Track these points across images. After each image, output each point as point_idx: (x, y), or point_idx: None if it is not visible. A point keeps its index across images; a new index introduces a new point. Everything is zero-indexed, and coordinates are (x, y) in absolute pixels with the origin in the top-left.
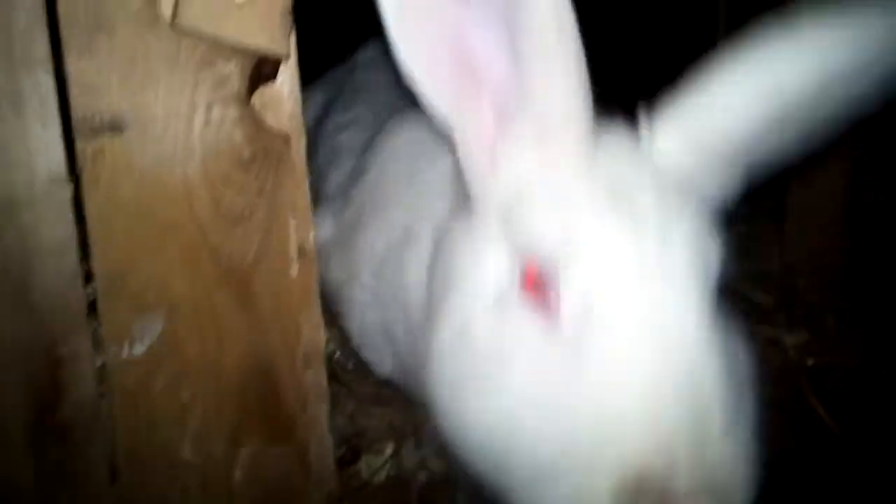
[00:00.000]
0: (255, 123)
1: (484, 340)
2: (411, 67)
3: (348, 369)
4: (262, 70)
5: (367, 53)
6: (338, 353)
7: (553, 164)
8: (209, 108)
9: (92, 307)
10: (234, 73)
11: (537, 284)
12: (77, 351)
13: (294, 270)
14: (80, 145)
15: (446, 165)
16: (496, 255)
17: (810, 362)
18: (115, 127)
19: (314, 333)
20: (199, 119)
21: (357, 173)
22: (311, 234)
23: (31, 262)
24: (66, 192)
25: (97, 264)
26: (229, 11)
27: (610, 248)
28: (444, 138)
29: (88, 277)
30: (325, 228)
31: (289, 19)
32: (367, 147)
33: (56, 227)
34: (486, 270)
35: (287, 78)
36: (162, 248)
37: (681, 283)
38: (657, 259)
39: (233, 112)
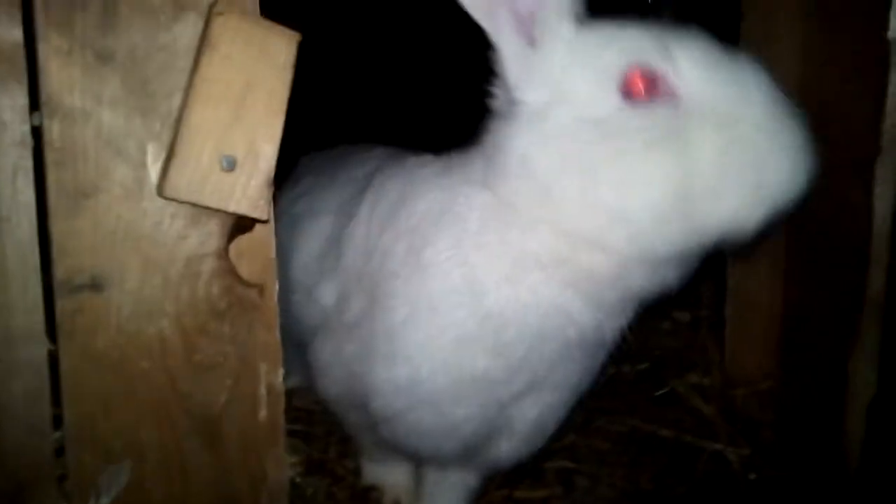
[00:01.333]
0: (231, 275)
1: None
2: None
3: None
4: (241, 223)
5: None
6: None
7: None
8: (188, 263)
9: (59, 454)
10: (215, 232)
11: (647, 84)
12: (43, 503)
13: (262, 412)
14: (59, 304)
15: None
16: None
17: (752, 476)
18: (95, 286)
19: (278, 471)
20: (177, 274)
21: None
22: (280, 373)
23: (3, 411)
24: (43, 345)
25: (67, 413)
26: (213, 180)
27: (698, 48)
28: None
29: (58, 423)
30: (328, 293)
31: (270, 188)
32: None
33: (29, 379)
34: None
35: (264, 229)
36: (132, 397)
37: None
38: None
39: (211, 266)
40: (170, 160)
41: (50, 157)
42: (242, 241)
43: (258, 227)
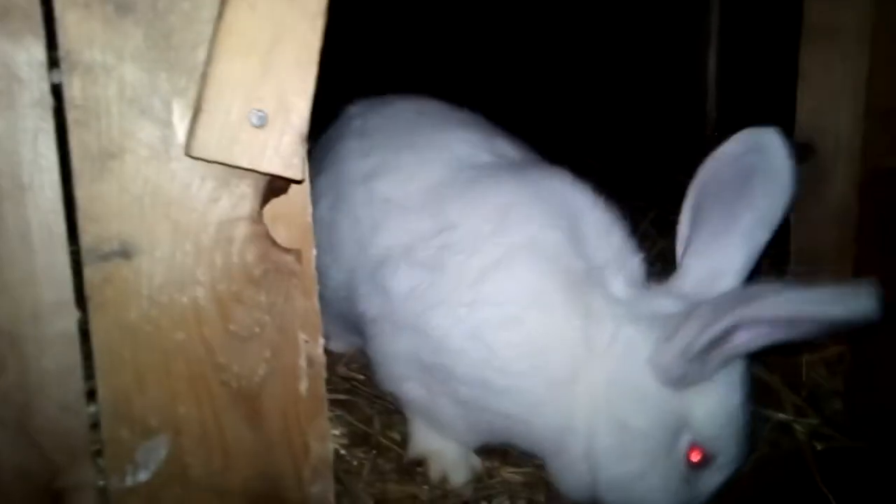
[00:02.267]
0: (266, 240)
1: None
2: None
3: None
4: (275, 185)
5: (358, 107)
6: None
7: None
8: (220, 228)
9: (95, 431)
10: (247, 194)
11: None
12: (79, 480)
13: (303, 384)
14: (87, 272)
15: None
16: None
17: (819, 447)
18: (124, 254)
19: (321, 445)
20: (210, 240)
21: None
22: (321, 343)
23: (34, 388)
24: (73, 318)
25: (101, 388)
26: (244, 138)
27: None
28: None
29: (92, 398)
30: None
31: (304, 145)
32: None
33: (61, 354)
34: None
35: (299, 191)
36: (168, 370)
37: None
38: None
39: (244, 231)
40: (196, 117)
41: (71, 115)
42: (277, 204)
43: (294, 188)
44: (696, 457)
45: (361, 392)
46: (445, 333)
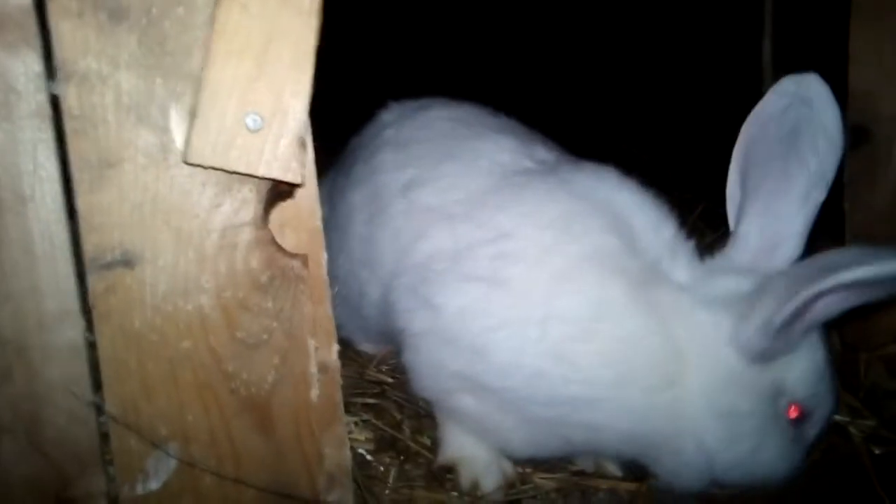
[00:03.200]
0: (271, 246)
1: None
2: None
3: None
4: (280, 189)
5: (391, 114)
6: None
7: None
8: (224, 234)
9: (104, 440)
10: (250, 199)
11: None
12: (90, 489)
13: (314, 391)
14: (91, 281)
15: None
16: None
17: (878, 451)
18: (126, 262)
19: (338, 452)
20: (213, 247)
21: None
22: (335, 349)
23: (42, 397)
24: (78, 327)
25: (109, 397)
26: (240, 142)
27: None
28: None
29: (100, 409)
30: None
31: (303, 147)
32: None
33: (67, 363)
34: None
35: (306, 194)
36: (175, 379)
37: None
38: None
39: (248, 237)
40: (192, 122)
41: (69, 125)
42: (285, 208)
43: (301, 192)
44: (795, 413)
45: (391, 395)
46: (516, 356)
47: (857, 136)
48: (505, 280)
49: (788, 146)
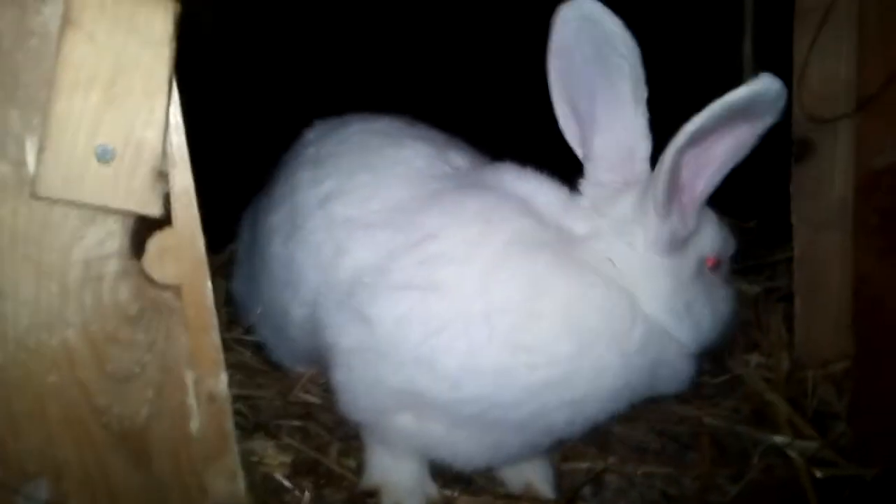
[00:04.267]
0: (140, 277)
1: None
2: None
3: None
4: (152, 219)
5: (312, 132)
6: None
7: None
8: (88, 266)
9: None
10: (115, 230)
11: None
12: None
13: (195, 423)
14: None
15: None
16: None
17: (819, 474)
18: None
19: (229, 483)
20: (76, 280)
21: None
22: (222, 378)
23: None
24: None
25: None
26: (91, 175)
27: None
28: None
29: None
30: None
31: (161, 180)
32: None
33: None
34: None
35: (186, 222)
36: (43, 414)
37: None
38: None
39: (115, 268)
40: (40, 156)
41: None
42: (165, 236)
43: (180, 220)
44: (712, 262)
45: (319, 417)
46: (469, 359)
47: (801, 148)
48: (438, 283)
49: (597, 62)
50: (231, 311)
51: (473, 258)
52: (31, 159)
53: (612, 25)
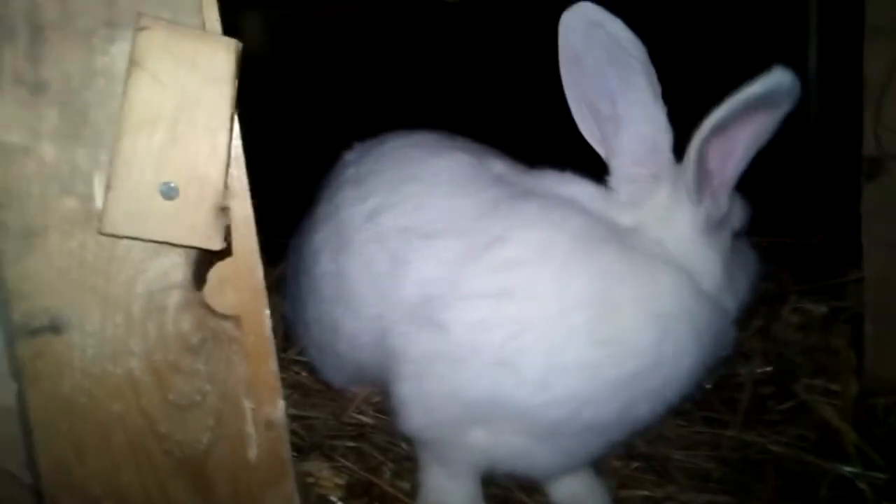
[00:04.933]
0: (202, 308)
1: None
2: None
3: None
4: (213, 252)
5: (352, 154)
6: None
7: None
8: (151, 298)
9: (39, 501)
10: (178, 263)
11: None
12: None
13: (253, 451)
14: (19, 347)
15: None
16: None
17: None
18: (53, 329)
19: None
20: (140, 311)
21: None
22: (280, 406)
23: None
24: (11, 390)
25: (41, 458)
26: (155, 212)
27: None
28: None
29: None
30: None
31: (222, 214)
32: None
33: (1, 425)
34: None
35: (245, 252)
36: (107, 441)
37: None
38: None
39: (177, 300)
40: (106, 194)
41: None
42: (224, 266)
43: (239, 250)
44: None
45: (372, 438)
46: (555, 357)
47: (872, 167)
48: (513, 287)
49: (611, 64)
50: (287, 328)
51: (545, 259)
52: (98, 195)
53: (617, 27)
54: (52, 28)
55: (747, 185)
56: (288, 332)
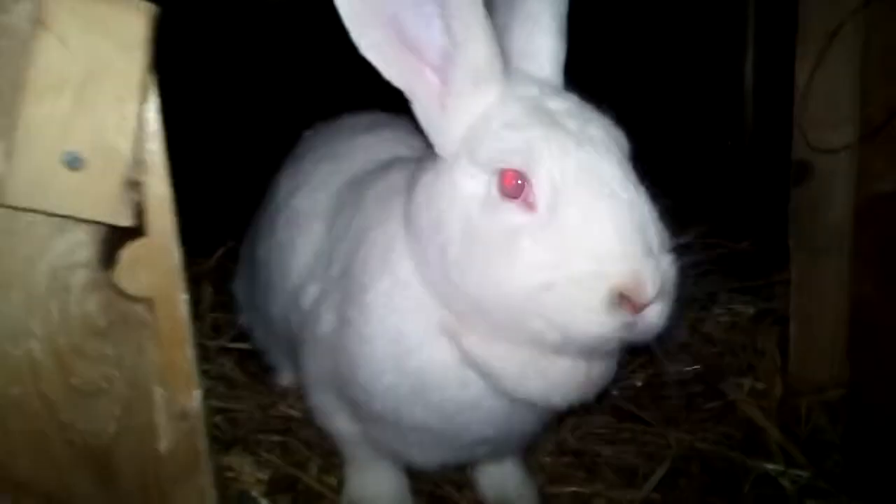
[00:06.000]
0: (110, 289)
1: (486, 238)
2: (368, 53)
3: None
4: (125, 229)
5: (311, 133)
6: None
7: (490, 100)
8: (54, 277)
9: None
10: (84, 241)
11: (515, 186)
12: None
13: (164, 442)
14: None
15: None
16: (472, 179)
17: None
18: None
19: (201, 500)
20: (42, 290)
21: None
22: (195, 395)
23: None
24: None
25: None
26: (60, 184)
27: (561, 148)
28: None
29: None
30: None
31: (132, 189)
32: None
33: None
34: (465, 192)
35: (159, 232)
36: (3, 426)
37: (612, 160)
38: (591, 150)
39: (83, 280)
40: (8, 162)
41: None
42: (137, 247)
43: (153, 230)
44: None
45: (299, 433)
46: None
47: (800, 171)
48: (345, 270)
49: None
50: (219, 317)
51: (364, 242)
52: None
53: None
54: None
55: (682, 188)
56: (219, 318)
